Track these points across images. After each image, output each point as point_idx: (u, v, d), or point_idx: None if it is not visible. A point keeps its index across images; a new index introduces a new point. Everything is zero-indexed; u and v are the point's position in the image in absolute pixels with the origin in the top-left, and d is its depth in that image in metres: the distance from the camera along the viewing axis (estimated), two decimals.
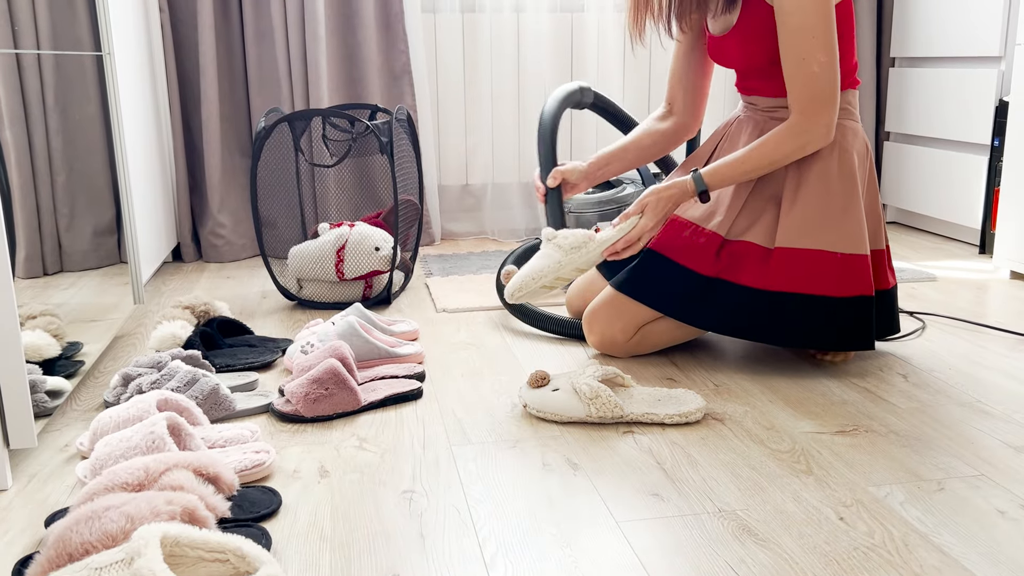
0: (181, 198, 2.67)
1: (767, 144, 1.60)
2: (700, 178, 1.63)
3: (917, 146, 2.91)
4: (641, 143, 1.87)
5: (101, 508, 0.98)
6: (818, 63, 1.55)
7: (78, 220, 1.78)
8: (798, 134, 1.58)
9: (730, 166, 1.62)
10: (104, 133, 1.94)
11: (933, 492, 1.20)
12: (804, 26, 1.54)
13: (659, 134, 1.86)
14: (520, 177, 2.99)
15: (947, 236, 2.88)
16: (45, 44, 1.66)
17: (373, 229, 2.15)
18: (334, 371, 1.49)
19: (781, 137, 1.59)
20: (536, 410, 1.47)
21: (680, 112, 1.86)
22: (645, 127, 1.88)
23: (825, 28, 1.54)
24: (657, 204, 1.65)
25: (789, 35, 1.56)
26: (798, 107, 1.58)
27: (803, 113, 1.58)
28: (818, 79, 1.55)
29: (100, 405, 1.56)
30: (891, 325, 1.75)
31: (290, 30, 2.64)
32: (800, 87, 1.57)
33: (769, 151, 1.60)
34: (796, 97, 1.58)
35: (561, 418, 1.45)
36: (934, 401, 1.52)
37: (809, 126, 1.58)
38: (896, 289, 1.75)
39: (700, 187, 1.63)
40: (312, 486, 1.25)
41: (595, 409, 1.44)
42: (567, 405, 1.45)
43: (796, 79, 1.57)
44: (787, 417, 1.46)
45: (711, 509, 1.17)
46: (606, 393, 1.43)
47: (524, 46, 2.90)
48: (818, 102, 1.57)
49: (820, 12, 1.54)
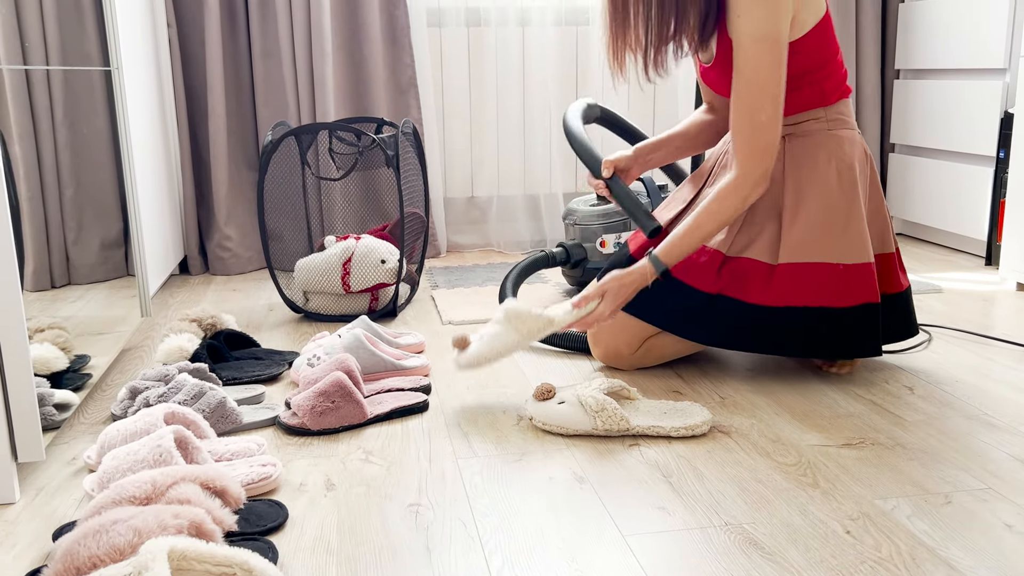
0: (188, 211, 2.68)
1: (713, 207, 1.60)
2: (657, 259, 1.62)
3: (922, 158, 2.91)
4: (688, 132, 1.87)
5: (109, 522, 0.98)
6: (766, 114, 1.56)
7: (86, 233, 1.79)
8: (739, 188, 1.59)
9: (683, 238, 1.61)
10: (112, 147, 1.95)
11: (940, 505, 1.20)
12: (756, 80, 1.55)
13: (706, 124, 1.87)
14: (525, 189, 3.00)
15: (953, 248, 2.88)
16: (54, 60, 1.67)
17: (379, 242, 2.15)
18: (340, 384, 1.49)
19: (726, 197, 1.59)
20: (542, 423, 1.47)
21: (721, 108, 1.86)
22: (693, 118, 1.89)
23: (776, 82, 1.55)
24: (618, 292, 1.62)
25: (742, 85, 1.57)
26: (742, 156, 1.58)
27: (745, 163, 1.58)
28: (765, 130, 1.56)
29: (107, 418, 1.57)
30: (908, 327, 1.74)
31: (297, 45, 2.66)
32: (747, 136, 1.58)
33: (716, 213, 1.60)
34: (740, 145, 1.58)
35: (567, 431, 1.45)
36: (941, 414, 1.52)
37: (749, 178, 1.58)
38: (910, 291, 1.75)
39: (660, 268, 1.62)
40: (318, 499, 1.25)
41: (601, 422, 1.44)
42: (573, 418, 1.45)
43: (743, 129, 1.58)
44: (793, 430, 1.46)
45: (717, 523, 1.16)
46: (612, 406, 1.44)
47: (529, 60, 2.92)
48: (760, 152, 1.57)
49: (772, 65, 1.54)
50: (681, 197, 1.83)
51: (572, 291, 2.39)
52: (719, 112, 1.87)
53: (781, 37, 1.54)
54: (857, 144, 1.68)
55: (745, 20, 1.53)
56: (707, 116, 1.88)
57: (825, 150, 1.64)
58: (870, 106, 3.05)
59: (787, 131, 1.67)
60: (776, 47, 1.54)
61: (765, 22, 1.53)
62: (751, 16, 1.53)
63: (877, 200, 1.70)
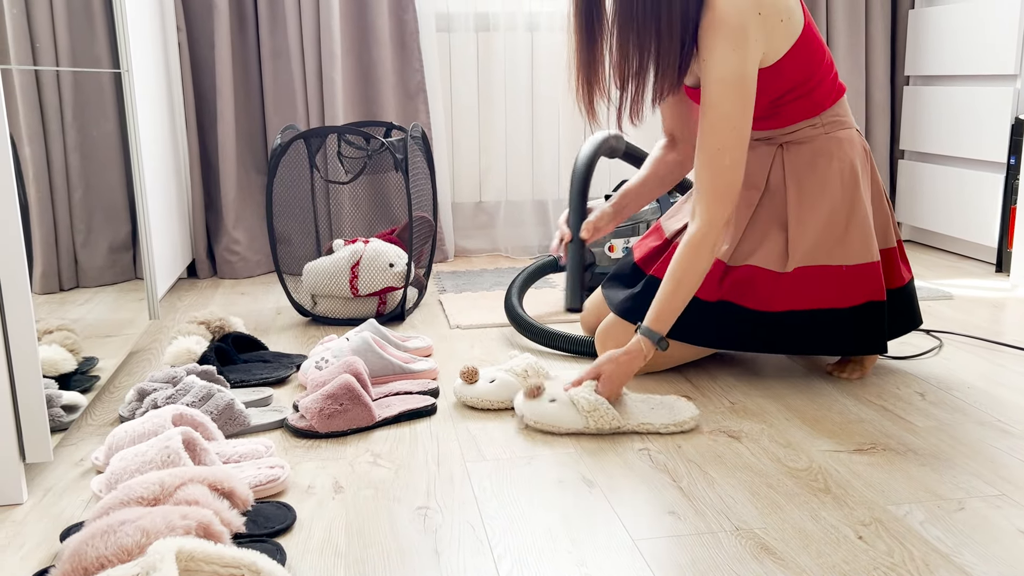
0: (196, 215, 2.68)
1: (686, 262, 1.53)
2: (650, 330, 1.54)
3: (932, 164, 2.90)
4: (658, 173, 1.86)
5: (116, 522, 0.98)
6: (731, 157, 1.52)
7: (94, 236, 1.79)
8: (706, 237, 1.52)
9: (669, 302, 1.54)
10: (121, 150, 1.95)
11: (953, 511, 1.19)
12: (721, 122, 1.51)
13: (673, 163, 1.85)
14: (533, 195, 3.00)
15: (963, 255, 2.87)
16: (64, 61, 1.67)
17: (387, 246, 2.15)
18: (349, 387, 1.48)
19: (694, 249, 1.53)
20: (533, 421, 1.48)
21: (684, 139, 1.84)
22: (657, 157, 1.86)
23: (742, 122, 1.51)
24: (613, 375, 1.52)
25: (708, 125, 1.52)
26: (705, 200, 1.53)
27: (710, 207, 1.52)
28: (728, 172, 1.52)
29: (115, 420, 1.56)
30: (912, 320, 1.73)
31: (306, 49, 2.66)
32: (711, 177, 1.52)
33: (691, 267, 1.53)
34: (704, 187, 1.53)
35: (559, 429, 1.46)
36: (952, 420, 1.51)
37: (716, 223, 1.52)
38: (912, 283, 1.74)
39: (655, 338, 1.53)
40: (326, 502, 1.24)
41: (593, 421, 1.45)
42: (565, 417, 1.46)
43: (708, 169, 1.53)
44: (804, 435, 1.45)
45: (728, 527, 1.16)
46: (604, 406, 1.45)
47: (538, 65, 2.92)
48: (722, 195, 1.52)
49: (739, 106, 1.51)
50: (687, 210, 1.82)
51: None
52: (682, 141, 1.84)
53: (747, 78, 1.50)
54: (856, 142, 1.67)
55: (711, 60, 1.50)
56: (669, 154, 1.85)
57: (825, 154, 1.63)
58: (880, 113, 3.04)
59: (784, 139, 1.66)
60: (741, 88, 1.50)
61: (730, 63, 1.49)
62: (717, 56, 1.50)
63: (878, 195, 1.69)
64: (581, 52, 1.62)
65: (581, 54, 1.63)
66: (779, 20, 1.53)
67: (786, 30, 1.55)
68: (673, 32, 1.51)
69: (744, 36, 1.49)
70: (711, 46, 1.50)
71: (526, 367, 1.59)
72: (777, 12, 1.53)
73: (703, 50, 1.52)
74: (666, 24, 1.50)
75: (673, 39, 1.51)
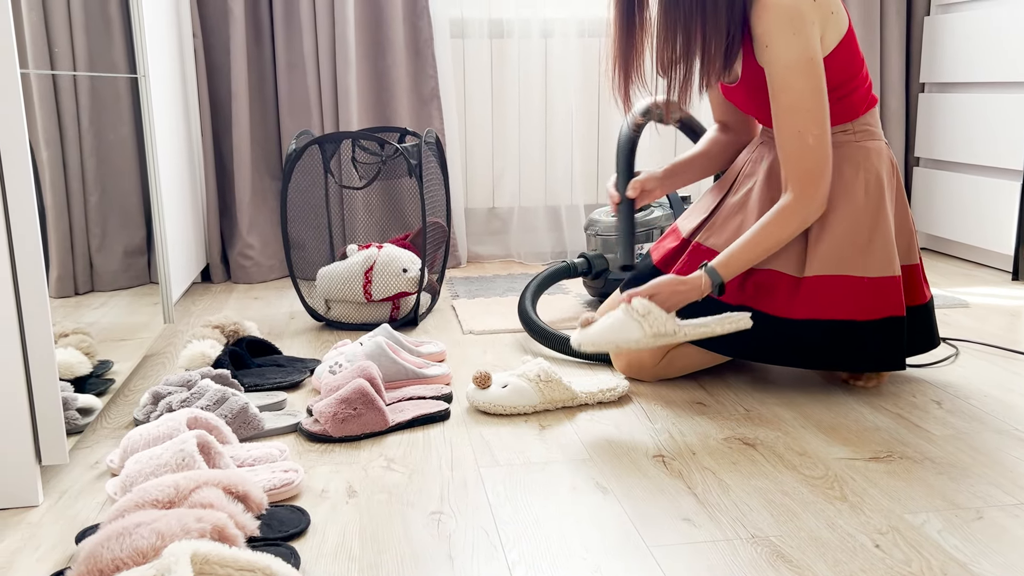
0: (211, 220, 2.69)
1: (772, 227, 1.57)
2: (715, 271, 1.57)
3: (948, 172, 2.88)
4: (710, 152, 1.87)
5: (132, 525, 0.98)
6: (813, 136, 1.54)
7: (109, 240, 1.80)
8: (797, 212, 1.57)
9: (742, 252, 1.58)
10: (137, 155, 1.96)
11: (971, 520, 1.18)
12: (797, 104, 1.53)
13: (725, 143, 1.86)
14: (546, 201, 2.99)
15: (979, 263, 2.85)
16: (81, 66, 1.68)
17: (401, 251, 2.15)
18: (362, 391, 1.48)
19: (784, 219, 1.57)
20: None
21: (735, 128, 1.85)
22: (711, 138, 1.88)
23: (817, 102, 1.53)
24: (668, 298, 1.55)
25: (783, 112, 1.55)
26: (795, 181, 1.56)
27: (800, 187, 1.56)
28: (814, 152, 1.55)
29: (130, 423, 1.57)
30: (930, 339, 1.72)
31: (321, 55, 2.67)
32: (796, 160, 1.56)
33: (776, 232, 1.57)
34: (792, 170, 1.57)
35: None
36: (970, 428, 1.50)
37: (807, 202, 1.56)
38: (932, 302, 1.73)
39: (717, 280, 1.57)
40: (340, 506, 1.24)
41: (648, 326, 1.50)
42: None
43: (792, 153, 1.56)
44: (819, 443, 1.44)
45: (744, 535, 1.15)
46: (658, 311, 1.51)
47: (552, 71, 2.92)
48: (813, 175, 1.55)
49: (811, 87, 1.53)
50: (703, 206, 1.82)
51: (594, 302, 2.38)
52: (733, 129, 1.86)
53: (815, 56, 1.53)
54: (884, 155, 1.66)
55: (774, 48, 1.52)
56: (724, 135, 1.87)
57: (852, 163, 1.63)
58: (895, 120, 3.03)
59: None
60: (811, 67, 1.52)
61: (795, 46, 1.51)
62: (779, 43, 1.51)
63: (902, 211, 1.68)
64: (620, 40, 1.64)
65: (620, 43, 1.64)
66: (830, 12, 1.55)
67: (835, 24, 1.57)
68: (719, 16, 1.52)
69: (801, 19, 1.50)
70: (770, 33, 1.52)
71: (539, 372, 1.59)
72: (828, 2, 1.55)
73: (763, 40, 1.53)
74: (711, 8, 1.51)
75: (720, 23, 1.53)
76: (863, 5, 2.94)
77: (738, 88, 1.67)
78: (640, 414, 1.58)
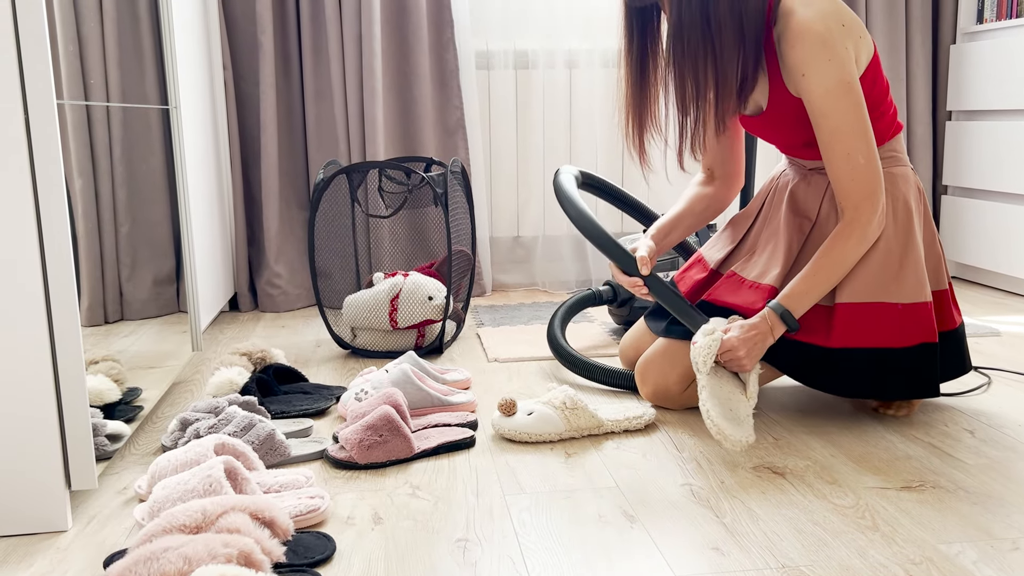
0: (239, 249, 2.72)
1: (835, 253, 1.55)
2: (780, 305, 1.55)
3: (976, 200, 2.86)
4: (695, 209, 1.84)
5: (159, 549, 0.98)
6: (862, 155, 1.53)
7: (139, 270, 1.82)
8: (858, 233, 1.54)
9: (805, 282, 1.55)
10: (167, 185, 1.99)
11: (1008, 552, 1.16)
12: (841, 127, 1.53)
13: (709, 197, 1.84)
14: (570, 230, 3.00)
15: (1009, 291, 2.81)
16: (115, 97, 1.71)
17: (426, 279, 2.16)
18: (388, 418, 1.48)
19: (847, 243, 1.54)
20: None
21: (722, 176, 1.83)
22: (693, 192, 1.85)
23: (860, 122, 1.53)
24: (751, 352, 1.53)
25: (828, 135, 1.54)
26: (850, 203, 1.55)
27: (856, 210, 1.54)
28: (864, 171, 1.53)
29: (158, 449, 1.58)
30: (962, 364, 1.69)
31: (348, 87, 2.70)
32: (848, 181, 1.54)
33: (841, 258, 1.55)
34: (846, 192, 1.55)
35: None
36: (1004, 458, 1.47)
37: (865, 222, 1.54)
38: (963, 327, 1.70)
39: (780, 311, 1.54)
40: (366, 533, 1.24)
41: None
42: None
43: (843, 174, 1.54)
44: (850, 472, 1.42)
45: (774, 564, 1.13)
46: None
47: (576, 102, 2.93)
48: (868, 195, 1.54)
49: (852, 108, 1.52)
50: (731, 236, 1.81)
51: (619, 330, 2.37)
52: (720, 178, 1.83)
53: (851, 79, 1.52)
54: (911, 181, 1.65)
55: (811, 77, 1.51)
56: (706, 188, 1.84)
57: None
58: (922, 148, 3.01)
59: None
60: (850, 89, 1.52)
61: (832, 72, 1.51)
62: (816, 71, 1.51)
63: (930, 236, 1.67)
64: (632, 91, 1.64)
65: (632, 93, 1.64)
66: (859, 36, 1.55)
67: (865, 49, 1.57)
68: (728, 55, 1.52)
69: (834, 44, 1.50)
70: (806, 63, 1.51)
71: (564, 399, 1.58)
72: (857, 27, 1.55)
73: (799, 70, 1.53)
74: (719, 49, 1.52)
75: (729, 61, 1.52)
76: (889, 34, 2.94)
77: (763, 118, 1.66)
78: (667, 442, 1.57)
